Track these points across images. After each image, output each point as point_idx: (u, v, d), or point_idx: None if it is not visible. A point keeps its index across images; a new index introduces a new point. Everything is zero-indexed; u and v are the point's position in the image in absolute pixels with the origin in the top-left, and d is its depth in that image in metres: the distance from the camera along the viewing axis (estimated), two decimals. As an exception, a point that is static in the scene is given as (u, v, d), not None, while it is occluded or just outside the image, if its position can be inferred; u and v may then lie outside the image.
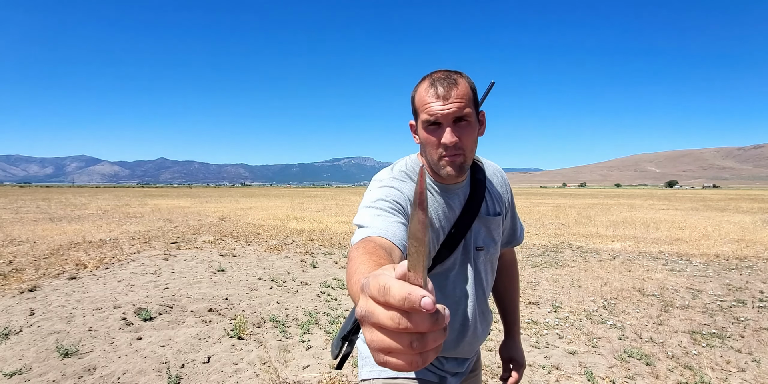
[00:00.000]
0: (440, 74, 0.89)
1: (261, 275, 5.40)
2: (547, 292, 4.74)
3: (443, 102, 0.86)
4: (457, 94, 0.86)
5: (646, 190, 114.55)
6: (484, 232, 1.03)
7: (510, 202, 1.12)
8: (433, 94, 0.87)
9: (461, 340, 1.02)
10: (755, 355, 3.00)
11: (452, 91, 0.86)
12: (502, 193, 1.09)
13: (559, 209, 19.69)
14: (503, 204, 1.08)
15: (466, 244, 1.01)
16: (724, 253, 7.33)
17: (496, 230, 1.05)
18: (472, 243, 1.02)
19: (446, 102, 0.85)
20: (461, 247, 1.01)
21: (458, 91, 0.86)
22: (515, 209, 1.16)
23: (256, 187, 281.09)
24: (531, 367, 2.82)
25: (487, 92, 1.08)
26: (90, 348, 2.99)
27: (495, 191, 1.07)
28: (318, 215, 15.19)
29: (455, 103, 0.85)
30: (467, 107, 0.86)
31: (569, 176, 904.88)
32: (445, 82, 0.87)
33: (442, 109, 0.85)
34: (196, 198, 32.48)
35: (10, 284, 4.70)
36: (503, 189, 1.10)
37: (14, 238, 8.39)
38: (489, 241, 1.04)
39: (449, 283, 1.02)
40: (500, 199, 1.08)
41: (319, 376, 2.65)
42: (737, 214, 16.24)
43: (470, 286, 1.03)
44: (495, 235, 1.05)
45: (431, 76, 0.90)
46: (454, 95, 0.86)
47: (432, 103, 0.86)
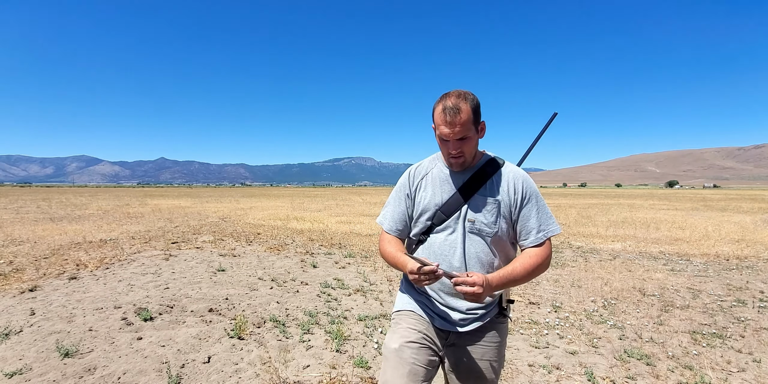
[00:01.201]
0: (451, 101, 1.24)
1: (261, 275, 5.40)
2: (547, 292, 4.74)
3: (450, 128, 1.25)
4: (460, 121, 1.23)
5: (647, 190, 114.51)
6: (477, 208, 1.34)
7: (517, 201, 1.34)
8: (443, 120, 1.25)
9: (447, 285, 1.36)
10: (756, 355, 2.99)
11: (456, 119, 1.23)
12: (509, 190, 1.34)
13: (559, 209, 19.68)
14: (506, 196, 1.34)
15: (461, 214, 1.35)
16: (725, 253, 7.32)
17: (491, 211, 1.33)
18: (465, 215, 1.34)
19: (452, 128, 1.25)
20: (456, 216, 1.35)
21: (461, 119, 1.23)
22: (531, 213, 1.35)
23: (257, 187, 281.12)
24: (531, 367, 2.82)
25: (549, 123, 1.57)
26: (90, 348, 2.99)
27: (499, 184, 1.35)
28: (318, 215, 15.19)
29: (458, 130, 1.25)
30: (467, 130, 1.26)
31: (569, 176, 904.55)
32: (452, 111, 1.23)
33: (449, 133, 1.26)
34: (197, 198, 32.48)
35: (10, 284, 4.71)
36: (510, 186, 1.35)
37: (15, 238, 8.40)
38: (481, 218, 1.33)
39: (443, 243, 1.36)
40: (503, 191, 1.34)
41: (320, 376, 2.65)
42: (738, 214, 16.24)
43: (459, 243, 1.34)
44: (488, 215, 1.33)
45: (444, 101, 1.26)
46: (458, 122, 1.23)
47: (443, 126, 1.26)
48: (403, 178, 1.47)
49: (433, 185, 1.40)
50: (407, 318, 1.42)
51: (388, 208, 1.48)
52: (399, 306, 1.47)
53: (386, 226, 1.46)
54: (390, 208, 1.47)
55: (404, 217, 1.44)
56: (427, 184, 1.41)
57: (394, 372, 1.32)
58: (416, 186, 1.43)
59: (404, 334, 1.37)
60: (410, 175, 1.45)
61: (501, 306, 1.40)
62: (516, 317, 3.84)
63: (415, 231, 1.43)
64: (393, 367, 1.33)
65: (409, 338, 1.36)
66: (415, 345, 1.35)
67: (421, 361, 1.33)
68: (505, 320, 1.44)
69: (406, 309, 1.43)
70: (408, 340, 1.35)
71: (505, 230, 1.35)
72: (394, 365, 1.33)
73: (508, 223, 1.35)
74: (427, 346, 1.36)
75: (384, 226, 1.47)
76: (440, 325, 1.37)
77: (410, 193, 1.43)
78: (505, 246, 1.38)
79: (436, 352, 1.38)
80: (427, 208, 1.38)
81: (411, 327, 1.39)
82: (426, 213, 1.38)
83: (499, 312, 1.40)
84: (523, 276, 1.28)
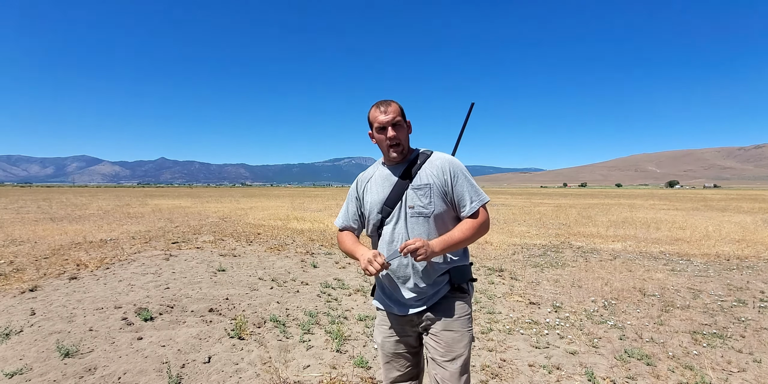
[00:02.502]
0: (382, 101, 1.56)
1: (261, 275, 5.40)
2: (547, 292, 4.74)
3: (385, 115, 1.53)
4: (392, 110, 1.54)
5: (647, 190, 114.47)
6: (414, 195, 1.55)
7: (448, 181, 1.55)
8: (378, 111, 1.54)
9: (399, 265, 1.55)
10: (756, 355, 2.99)
11: (389, 108, 1.54)
12: (437, 173, 1.56)
13: (559, 209, 19.68)
14: (436, 179, 1.55)
15: (402, 204, 1.56)
16: (725, 253, 7.32)
17: (425, 195, 1.54)
18: (405, 202, 1.56)
19: (387, 114, 1.53)
20: (399, 206, 1.56)
21: (392, 108, 1.54)
22: (463, 189, 1.55)
23: (257, 187, 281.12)
24: (532, 367, 2.82)
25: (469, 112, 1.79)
26: (91, 348, 2.99)
27: (430, 170, 1.57)
28: (318, 215, 15.19)
29: (391, 114, 1.53)
30: (399, 117, 1.54)
31: (570, 176, 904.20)
32: (384, 103, 1.55)
33: (385, 120, 1.53)
34: (197, 198, 32.49)
35: (11, 284, 4.71)
36: (438, 170, 1.56)
37: (15, 238, 8.40)
38: (418, 202, 1.54)
39: (393, 232, 1.56)
40: (433, 175, 1.55)
41: (320, 376, 2.64)
42: (738, 214, 16.22)
43: (403, 230, 1.55)
44: (423, 198, 1.54)
45: (376, 103, 1.56)
46: (391, 111, 1.54)
47: (379, 115, 1.54)
48: (353, 185, 1.75)
49: (376, 185, 1.64)
50: (381, 315, 1.69)
51: (342, 211, 1.76)
52: (375, 303, 1.73)
53: (339, 224, 1.75)
54: (343, 210, 1.76)
55: (355, 216, 1.71)
56: (372, 186, 1.66)
57: (382, 362, 1.70)
58: (363, 189, 1.69)
59: (381, 330, 1.67)
60: (357, 181, 1.74)
61: (452, 283, 1.56)
62: (516, 317, 3.84)
63: (371, 227, 1.65)
64: (381, 358, 1.69)
65: (385, 333, 1.65)
66: (392, 338, 1.64)
67: (400, 350, 1.64)
68: (464, 296, 1.59)
69: (378, 306, 1.69)
70: (385, 335, 1.65)
71: (442, 209, 1.55)
72: (381, 357, 1.69)
73: (444, 201, 1.55)
74: (401, 336, 1.63)
75: (338, 224, 1.75)
76: (400, 312, 1.58)
77: (359, 196, 1.70)
78: (444, 224, 1.56)
79: (411, 335, 1.63)
80: (374, 205, 1.61)
81: (383, 323, 1.67)
82: (374, 209, 1.61)
83: (453, 288, 1.56)
84: (461, 239, 1.48)
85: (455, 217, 1.60)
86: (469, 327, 1.58)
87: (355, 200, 1.71)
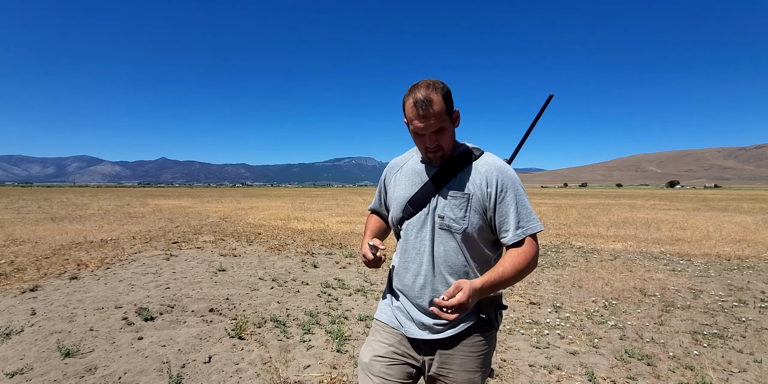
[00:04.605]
0: (421, 94, 1.15)
1: (262, 275, 5.40)
2: (548, 292, 4.74)
3: (424, 122, 1.16)
4: (434, 113, 1.15)
5: (648, 190, 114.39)
6: (447, 203, 1.25)
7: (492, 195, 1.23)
8: (416, 114, 1.16)
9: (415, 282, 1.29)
10: (757, 355, 2.99)
11: (429, 111, 1.14)
12: (481, 183, 1.24)
13: (560, 209, 19.67)
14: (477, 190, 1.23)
15: (430, 208, 1.27)
16: (726, 253, 7.31)
17: (459, 206, 1.23)
18: (435, 209, 1.26)
19: (426, 121, 1.16)
20: (425, 210, 1.28)
21: (434, 111, 1.15)
22: (508, 208, 1.23)
23: (257, 187, 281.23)
24: (532, 367, 2.81)
25: (544, 106, 1.43)
26: (91, 348, 2.99)
27: (472, 177, 1.25)
28: (319, 215, 15.19)
29: (432, 122, 1.16)
30: (442, 122, 1.17)
31: (570, 176, 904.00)
32: (424, 103, 1.14)
33: (423, 127, 1.18)
34: (197, 198, 32.51)
35: (11, 284, 4.71)
36: (483, 179, 1.24)
37: (16, 237, 8.41)
38: (449, 213, 1.24)
39: (414, 236, 1.30)
40: (475, 185, 1.24)
41: (320, 376, 2.64)
42: (739, 215, 16.21)
43: (428, 241, 1.27)
44: (457, 210, 1.23)
45: (414, 94, 1.16)
46: (432, 114, 1.15)
47: (416, 120, 1.17)
48: (384, 170, 1.50)
49: (405, 178, 1.36)
50: (381, 330, 1.37)
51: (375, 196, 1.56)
52: (377, 313, 1.43)
53: (370, 206, 1.58)
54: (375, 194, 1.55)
55: (383, 203, 1.51)
56: (400, 178, 1.39)
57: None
58: (390, 179, 1.44)
59: (375, 348, 1.34)
60: (387, 169, 1.48)
61: (480, 314, 1.25)
62: (517, 317, 3.84)
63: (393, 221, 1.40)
64: (362, 380, 1.32)
65: (379, 352, 1.32)
66: (385, 360, 1.30)
67: (393, 375, 1.29)
68: (490, 329, 1.30)
69: (382, 320, 1.39)
70: (377, 354, 1.32)
71: (477, 226, 1.23)
72: (363, 379, 1.32)
73: (481, 218, 1.24)
74: (399, 360, 1.31)
75: (369, 207, 1.60)
76: (413, 335, 1.29)
77: (385, 187, 1.47)
78: (477, 245, 1.26)
79: (411, 365, 1.32)
80: (397, 201, 1.36)
81: (382, 340, 1.35)
82: (397, 206, 1.35)
83: (480, 320, 1.26)
84: (513, 276, 1.17)
85: (493, 242, 1.29)
86: (489, 364, 1.33)
87: (383, 189, 1.48)
